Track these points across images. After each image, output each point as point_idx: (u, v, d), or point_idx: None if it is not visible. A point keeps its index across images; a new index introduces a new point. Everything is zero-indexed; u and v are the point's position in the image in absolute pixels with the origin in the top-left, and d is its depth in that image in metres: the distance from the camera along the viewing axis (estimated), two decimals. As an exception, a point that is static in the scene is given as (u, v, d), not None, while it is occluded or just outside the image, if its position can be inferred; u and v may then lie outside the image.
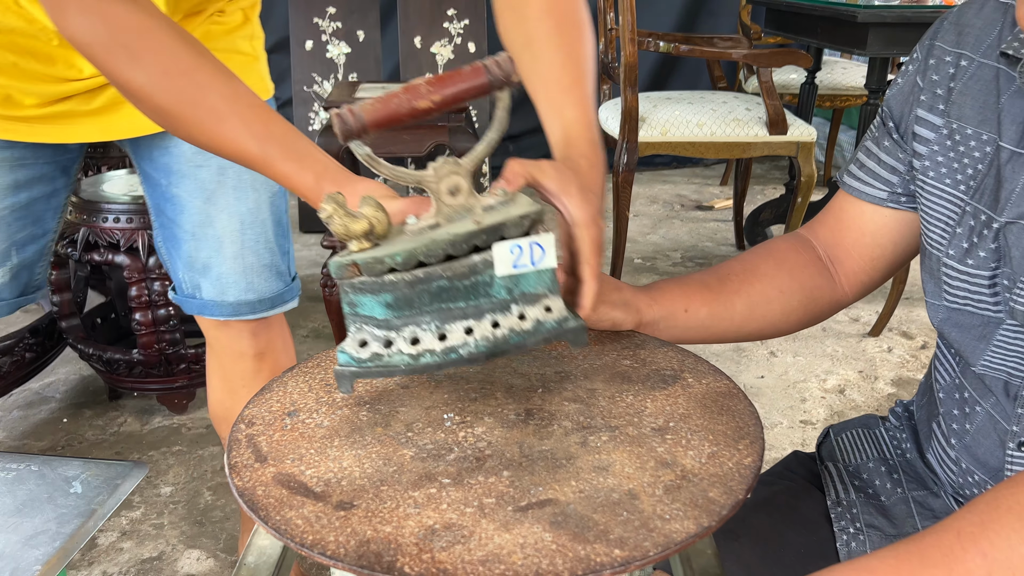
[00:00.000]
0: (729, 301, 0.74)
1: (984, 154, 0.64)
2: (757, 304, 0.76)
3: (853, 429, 0.84)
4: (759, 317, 0.76)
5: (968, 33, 0.67)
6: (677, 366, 0.66)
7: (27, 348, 1.77)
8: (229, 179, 1.04)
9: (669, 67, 3.79)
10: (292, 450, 0.56)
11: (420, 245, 0.55)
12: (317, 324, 2.31)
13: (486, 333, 0.57)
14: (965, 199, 0.65)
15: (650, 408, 0.60)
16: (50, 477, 0.88)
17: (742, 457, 0.54)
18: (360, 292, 0.55)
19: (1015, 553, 0.46)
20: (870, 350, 2.18)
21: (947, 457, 0.72)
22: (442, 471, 0.53)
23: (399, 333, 0.56)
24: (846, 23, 2.12)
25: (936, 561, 0.48)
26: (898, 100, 0.73)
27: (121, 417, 1.85)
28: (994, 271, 0.63)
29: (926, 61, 0.70)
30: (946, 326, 0.69)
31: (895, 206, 0.75)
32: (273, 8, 3.51)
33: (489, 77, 0.57)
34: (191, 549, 1.45)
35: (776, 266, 0.78)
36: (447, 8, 3.03)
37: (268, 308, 1.11)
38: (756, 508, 0.78)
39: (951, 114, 0.67)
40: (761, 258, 0.78)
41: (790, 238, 0.82)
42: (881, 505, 0.75)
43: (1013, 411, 0.64)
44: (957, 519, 0.50)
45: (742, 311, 0.75)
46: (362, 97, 2.31)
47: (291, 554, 0.64)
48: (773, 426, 1.83)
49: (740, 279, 0.76)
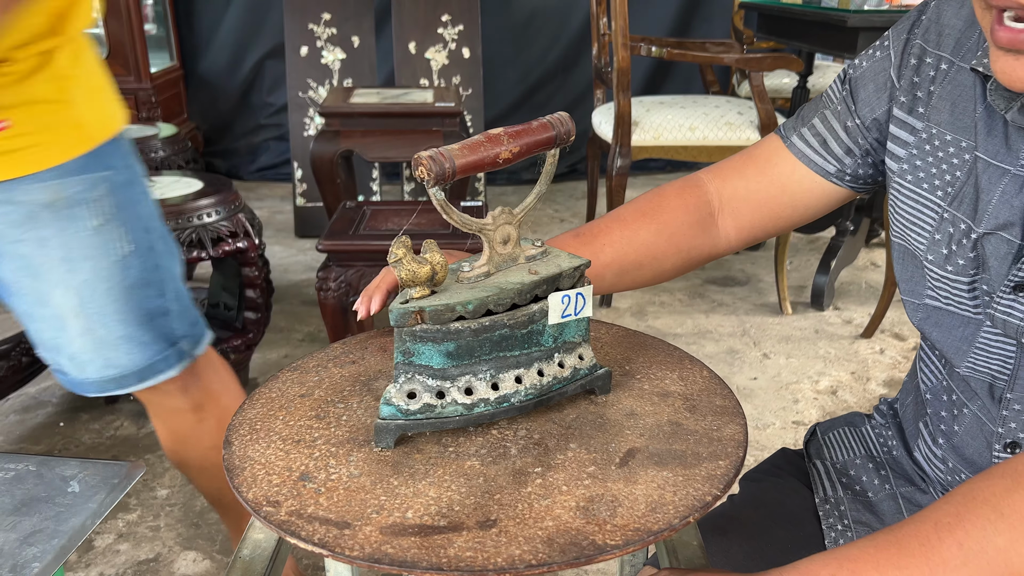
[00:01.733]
0: (600, 274, 0.74)
1: (963, 161, 0.63)
2: (627, 271, 0.76)
3: (840, 427, 0.84)
4: (628, 282, 0.77)
5: (948, 35, 0.66)
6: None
7: (24, 352, 1.78)
8: (54, 251, 0.91)
9: (663, 72, 3.81)
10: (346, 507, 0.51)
11: (490, 294, 0.55)
12: (312, 328, 2.32)
13: (534, 381, 0.59)
14: (943, 206, 0.65)
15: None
16: (48, 477, 0.89)
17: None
18: (420, 341, 0.54)
19: (990, 544, 0.47)
20: (862, 351, 2.20)
21: (934, 456, 0.72)
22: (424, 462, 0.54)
23: (454, 383, 0.56)
24: (836, 27, 2.14)
25: (914, 551, 0.49)
26: (865, 87, 0.71)
27: (117, 421, 1.86)
28: (973, 277, 0.63)
29: (904, 57, 0.69)
30: (926, 325, 0.69)
31: (838, 183, 0.75)
32: (268, 14, 3.53)
33: (555, 132, 0.59)
34: (187, 551, 1.46)
35: (656, 233, 0.77)
36: (441, 14, 3.05)
37: (136, 382, 1.01)
38: (744, 504, 0.79)
39: (930, 118, 0.66)
40: (641, 218, 0.77)
41: (682, 191, 0.79)
42: (868, 502, 0.76)
43: (998, 413, 0.64)
44: (934, 510, 0.51)
45: (610, 280, 0.76)
46: (358, 103, 2.33)
47: (285, 547, 0.66)
48: (765, 427, 1.84)
49: (614, 246, 0.75)
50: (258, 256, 1.83)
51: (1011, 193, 0.60)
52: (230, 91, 3.71)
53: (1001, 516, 0.48)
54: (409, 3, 3.03)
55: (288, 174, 3.66)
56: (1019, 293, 0.60)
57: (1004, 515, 0.48)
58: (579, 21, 3.65)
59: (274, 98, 3.69)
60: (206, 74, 3.70)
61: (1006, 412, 0.64)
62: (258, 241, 1.83)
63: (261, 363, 2.10)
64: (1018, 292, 0.60)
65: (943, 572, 0.47)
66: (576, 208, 3.43)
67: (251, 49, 3.61)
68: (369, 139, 2.27)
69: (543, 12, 3.65)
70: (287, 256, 2.87)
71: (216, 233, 1.73)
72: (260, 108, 3.73)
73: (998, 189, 0.60)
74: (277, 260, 2.81)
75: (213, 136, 3.82)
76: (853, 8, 2.14)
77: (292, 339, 2.25)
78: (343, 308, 1.69)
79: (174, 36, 3.63)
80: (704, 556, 0.64)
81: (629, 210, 0.79)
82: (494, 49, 3.55)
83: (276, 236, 3.06)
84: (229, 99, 3.72)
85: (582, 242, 0.75)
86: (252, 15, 3.55)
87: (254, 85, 3.70)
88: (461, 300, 0.55)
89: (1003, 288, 0.60)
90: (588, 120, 2.59)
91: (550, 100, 3.79)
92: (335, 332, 1.73)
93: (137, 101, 3.26)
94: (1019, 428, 0.63)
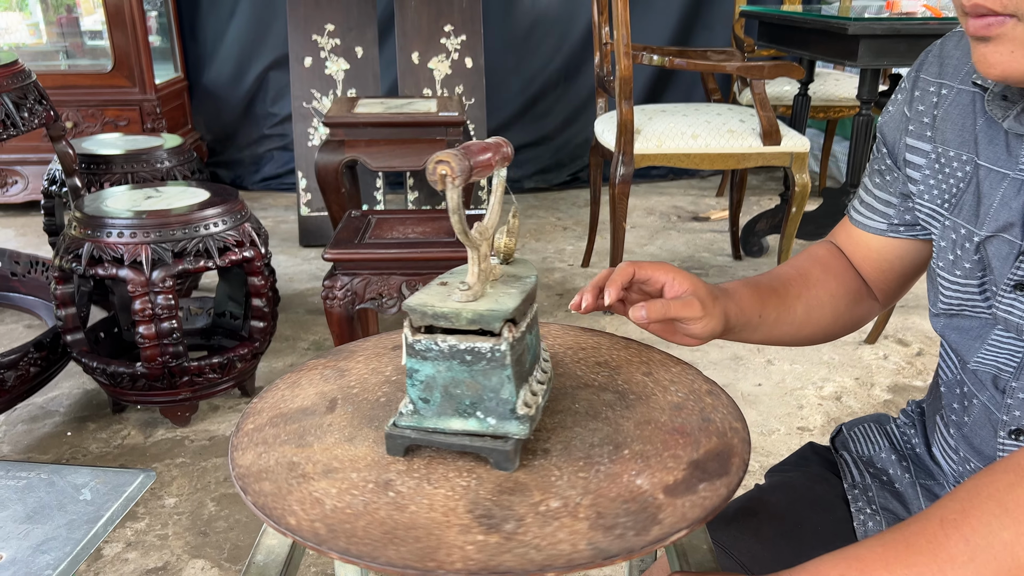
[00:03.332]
0: (791, 306, 0.79)
1: (964, 173, 0.68)
2: (813, 308, 0.80)
3: (865, 424, 0.87)
4: (814, 321, 0.81)
5: (948, 64, 0.71)
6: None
7: (31, 362, 1.79)
8: None
9: (665, 80, 3.83)
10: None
11: (523, 292, 0.59)
12: (318, 336, 2.33)
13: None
14: (944, 214, 0.70)
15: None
16: (60, 485, 0.90)
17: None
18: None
19: (996, 538, 0.48)
20: (866, 357, 2.20)
21: (948, 447, 0.75)
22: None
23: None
24: (837, 35, 2.15)
25: (921, 548, 0.50)
26: (890, 128, 0.78)
27: (124, 430, 1.87)
28: (982, 279, 0.67)
29: (912, 92, 0.74)
30: (946, 331, 0.73)
31: (894, 235, 0.79)
32: (272, 25, 3.56)
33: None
34: (196, 559, 1.46)
35: (823, 271, 0.82)
36: (444, 24, 3.06)
37: None
38: (773, 489, 0.80)
39: (936, 139, 0.71)
40: (810, 263, 0.83)
41: (827, 244, 0.86)
42: (895, 491, 0.78)
43: (1003, 402, 0.67)
44: (940, 507, 0.52)
45: (801, 315, 0.79)
46: (362, 112, 2.34)
47: (298, 553, 0.66)
48: (770, 433, 1.85)
49: (799, 284, 0.80)
50: (264, 265, 1.84)
51: (1010, 196, 0.63)
52: (234, 102, 3.73)
53: (1006, 511, 0.49)
54: (412, 13, 3.05)
55: (292, 184, 3.68)
56: (1019, 292, 0.63)
57: (1008, 510, 0.49)
58: (581, 30, 3.67)
59: (278, 108, 3.71)
60: (210, 85, 3.72)
61: (1011, 401, 0.67)
62: (264, 250, 1.84)
63: (267, 372, 2.11)
64: (1018, 290, 0.63)
65: (951, 568, 0.48)
66: (579, 216, 3.44)
67: (255, 60, 3.63)
68: (373, 148, 2.28)
69: (545, 22, 3.67)
70: (292, 265, 2.89)
71: (222, 243, 1.74)
72: (264, 118, 3.75)
73: (998, 193, 0.64)
74: (282, 269, 2.82)
75: (217, 146, 3.84)
76: (853, 16, 2.15)
77: (298, 348, 2.26)
78: (349, 316, 1.70)
79: (178, 47, 3.65)
80: (714, 560, 0.64)
81: (795, 260, 0.85)
82: (496, 59, 3.57)
83: (281, 246, 3.07)
84: (233, 110, 3.74)
85: (779, 294, 0.79)
86: (256, 26, 3.58)
87: (258, 96, 3.72)
88: (510, 307, 0.56)
89: (1004, 287, 0.64)
90: (590, 129, 2.60)
91: (552, 109, 3.80)
92: (341, 340, 1.74)
93: (142, 112, 3.28)
94: (1023, 416, 0.67)
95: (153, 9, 3.56)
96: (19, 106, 1.80)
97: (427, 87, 3.09)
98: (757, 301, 0.76)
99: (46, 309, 2.25)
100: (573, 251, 3.02)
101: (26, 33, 3.56)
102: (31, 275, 2.36)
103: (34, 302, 2.35)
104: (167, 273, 1.67)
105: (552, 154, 3.84)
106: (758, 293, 0.77)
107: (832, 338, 0.84)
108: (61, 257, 1.73)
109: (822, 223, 2.65)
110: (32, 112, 1.84)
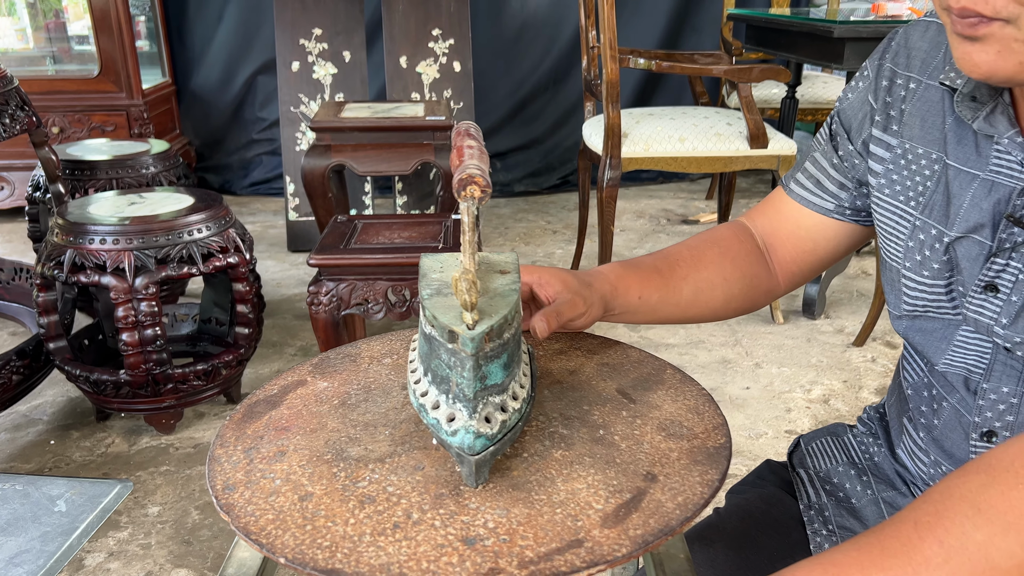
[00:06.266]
0: (677, 287, 0.78)
1: (933, 172, 0.67)
2: (702, 290, 0.79)
3: (822, 437, 0.86)
4: (702, 303, 0.80)
5: (915, 56, 0.70)
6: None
7: (14, 371, 1.77)
8: None
9: (653, 84, 3.83)
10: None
11: (516, 298, 0.59)
12: (304, 342, 2.31)
13: (526, 370, 0.62)
14: (915, 214, 0.69)
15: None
16: (34, 496, 0.89)
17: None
18: (490, 361, 0.54)
19: (969, 540, 0.48)
20: (854, 360, 2.20)
21: (917, 450, 0.74)
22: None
23: (506, 393, 0.57)
24: (824, 38, 2.15)
25: (896, 551, 0.49)
26: (848, 115, 0.76)
27: (108, 438, 1.85)
28: (949, 280, 0.66)
29: (877, 80, 0.73)
30: (910, 332, 0.72)
31: (839, 217, 0.79)
32: (260, 30, 3.54)
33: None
34: (179, 568, 1.45)
35: (720, 254, 0.81)
36: (432, 28, 3.06)
37: None
38: (730, 514, 0.79)
39: (904, 135, 0.70)
40: (707, 245, 0.82)
41: (733, 226, 0.85)
42: (852, 507, 0.77)
43: (974, 403, 0.67)
44: (914, 510, 0.51)
45: (688, 297, 0.79)
46: (349, 117, 2.33)
47: (270, 566, 0.65)
48: (758, 436, 1.84)
49: (688, 266, 0.79)
50: (249, 271, 1.83)
51: (980, 197, 0.63)
52: (222, 106, 3.71)
53: (979, 512, 0.48)
54: (400, 17, 3.04)
55: (281, 189, 3.66)
56: (989, 293, 0.63)
57: (981, 511, 0.48)
58: (569, 34, 3.67)
59: (266, 113, 3.70)
60: (198, 90, 3.71)
61: (982, 402, 0.66)
62: (249, 256, 1.83)
63: (254, 378, 2.09)
64: (988, 292, 0.63)
65: (926, 571, 0.48)
66: (568, 219, 3.44)
67: (243, 65, 3.62)
68: (360, 153, 2.28)
69: (533, 26, 3.67)
70: (280, 270, 2.87)
71: (206, 249, 1.73)
72: (252, 123, 3.74)
73: (968, 194, 0.64)
74: (270, 275, 2.81)
75: (206, 151, 3.82)
76: (840, 19, 2.15)
77: (285, 353, 2.24)
78: (335, 322, 1.69)
79: (166, 52, 3.64)
80: (691, 569, 0.64)
81: (692, 240, 0.84)
82: (485, 62, 3.57)
83: (269, 250, 3.06)
84: (221, 114, 3.73)
85: (663, 275, 0.79)
86: (244, 31, 3.57)
87: (246, 100, 3.70)
88: (506, 312, 0.56)
89: (974, 288, 0.64)
90: (579, 132, 2.60)
91: (541, 113, 3.80)
92: (327, 346, 1.72)
93: (129, 117, 3.26)
94: (995, 417, 0.66)
95: (141, 14, 3.55)
96: (0, 112, 1.78)
97: (415, 91, 3.08)
98: (636, 283, 0.76)
99: (30, 316, 2.23)
100: (563, 255, 3.01)
101: (14, 38, 3.54)
102: (15, 282, 2.34)
103: (18, 309, 2.33)
104: (150, 280, 1.66)
105: (541, 157, 3.84)
106: (638, 275, 0.77)
107: (724, 319, 0.84)
108: (43, 264, 1.71)
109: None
110: (14, 118, 1.82)
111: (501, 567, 0.47)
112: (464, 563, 0.47)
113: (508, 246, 3.14)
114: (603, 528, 0.50)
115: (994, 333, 0.64)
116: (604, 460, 0.57)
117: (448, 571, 0.47)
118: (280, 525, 0.52)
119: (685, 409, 0.64)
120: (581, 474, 0.56)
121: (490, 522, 0.51)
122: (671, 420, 0.63)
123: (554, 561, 0.47)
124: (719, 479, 0.55)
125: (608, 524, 0.50)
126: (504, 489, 0.54)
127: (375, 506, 0.53)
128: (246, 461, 0.60)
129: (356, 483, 0.56)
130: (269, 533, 0.51)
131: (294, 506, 0.54)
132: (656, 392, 0.67)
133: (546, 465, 0.57)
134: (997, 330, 0.63)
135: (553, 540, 0.49)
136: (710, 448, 0.59)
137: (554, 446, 0.59)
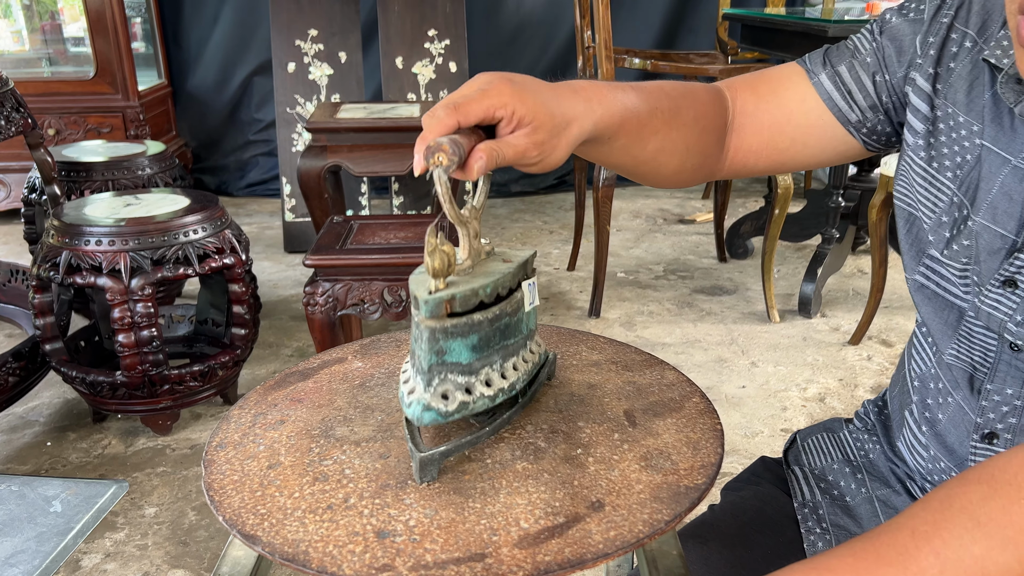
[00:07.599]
0: (646, 140, 0.69)
1: (973, 145, 0.64)
2: (663, 151, 0.71)
3: (818, 434, 0.85)
4: (658, 164, 0.72)
5: (977, 13, 0.65)
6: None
7: (10, 372, 1.77)
8: None
9: (649, 83, 3.83)
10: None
11: (495, 278, 0.55)
12: (301, 343, 2.31)
13: (523, 367, 0.60)
14: (954, 189, 0.65)
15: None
16: (30, 497, 0.89)
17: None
18: (451, 336, 0.53)
19: (967, 553, 0.47)
20: (850, 358, 2.20)
21: (917, 443, 0.73)
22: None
23: (476, 377, 0.55)
24: (818, 38, 2.16)
25: (891, 560, 0.48)
26: (900, 43, 0.70)
27: (105, 439, 1.85)
28: (964, 265, 0.64)
29: (930, 24, 0.68)
30: (919, 296, 0.70)
31: (855, 134, 0.73)
32: (255, 31, 3.54)
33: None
34: (175, 569, 1.45)
35: (694, 119, 0.72)
36: (428, 29, 3.06)
37: None
38: (724, 512, 0.79)
39: (947, 96, 0.66)
40: (686, 103, 0.72)
41: (713, 91, 0.76)
42: (846, 505, 0.77)
43: (977, 404, 0.66)
44: (911, 517, 0.50)
45: (650, 153, 0.71)
46: (344, 118, 2.33)
47: (265, 565, 0.65)
48: (754, 435, 1.85)
49: (662, 119, 0.70)
50: (245, 272, 1.83)
51: (1010, 185, 0.60)
52: (218, 108, 3.71)
53: (978, 524, 0.48)
54: (395, 18, 3.04)
55: (277, 190, 3.66)
56: (1007, 288, 0.61)
57: (981, 523, 0.48)
58: (564, 34, 3.67)
59: (262, 114, 3.70)
60: (194, 91, 3.71)
61: (985, 403, 0.65)
62: (245, 257, 1.83)
63: (250, 379, 2.10)
64: (1007, 287, 0.61)
65: None
66: (565, 219, 3.44)
67: (239, 66, 3.62)
68: (356, 154, 2.28)
69: (529, 26, 3.67)
70: (276, 271, 2.87)
71: (202, 250, 1.73)
72: (248, 124, 3.74)
73: (998, 180, 0.61)
74: (266, 275, 2.81)
75: (202, 152, 3.82)
76: (835, 19, 2.16)
77: (281, 354, 2.25)
78: (331, 323, 1.69)
79: (162, 54, 3.63)
80: (684, 566, 0.64)
81: (672, 88, 0.73)
82: (480, 63, 3.57)
83: (265, 251, 3.06)
84: (218, 116, 3.73)
85: (641, 120, 0.68)
86: (240, 32, 3.57)
87: (242, 101, 3.70)
88: (480, 285, 0.54)
89: (992, 282, 0.62)
90: (575, 132, 2.59)
91: (538, 113, 3.80)
92: (323, 347, 1.73)
93: (125, 119, 3.26)
94: (997, 419, 0.65)
95: (137, 16, 3.55)
96: (-4, 114, 1.78)
97: (411, 92, 3.09)
98: (617, 123, 0.66)
99: (27, 318, 2.23)
100: (559, 255, 3.02)
101: (9, 40, 3.54)
102: (11, 284, 2.34)
103: (15, 311, 2.33)
104: (146, 281, 1.66)
105: (539, 158, 3.84)
106: (624, 114, 0.66)
107: (660, 187, 0.74)
108: (39, 266, 1.71)
109: (806, 224, 2.66)
110: (9, 120, 1.82)
111: (394, 566, 0.47)
112: (364, 555, 0.47)
113: (505, 246, 3.14)
114: (514, 548, 0.48)
115: (1006, 329, 0.62)
116: (561, 480, 0.54)
117: (346, 558, 0.47)
118: (238, 486, 0.54)
119: (683, 442, 0.60)
120: (529, 490, 0.53)
121: (412, 520, 0.50)
122: (660, 451, 0.59)
123: (446, 570, 0.46)
124: (668, 521, 0.51)
125: (522, 545, 0.48)
126: (446, 491, 0.53)
127: (324, 485, 0.54)
128: (249, 424, 0.62)
129: (322, 461, 0.56)
130: (225, 492, 0.53)
131: (260, 472, 0.55)
132: (665, 419, 0.63)
133: (502, 475, 0.55)
134: (1010, 327, 0.62)
135: (458, 549, 0.48)
136: (682, 487, 0.54)
137: (523, 457, 0.57)
